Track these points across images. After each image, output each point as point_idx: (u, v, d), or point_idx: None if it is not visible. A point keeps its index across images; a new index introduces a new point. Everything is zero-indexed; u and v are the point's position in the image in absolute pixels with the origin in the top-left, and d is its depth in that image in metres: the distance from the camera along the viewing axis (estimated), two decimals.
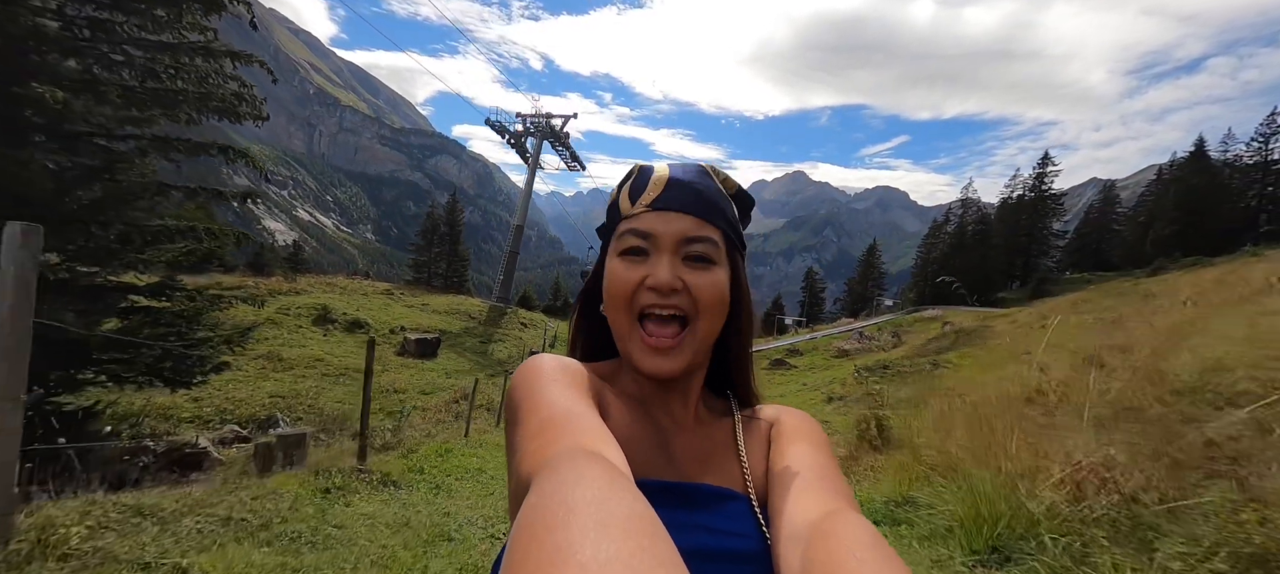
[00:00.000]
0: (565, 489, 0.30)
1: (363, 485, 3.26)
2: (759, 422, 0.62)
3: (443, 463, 4.47)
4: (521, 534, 0.28)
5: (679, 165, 0.59)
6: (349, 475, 3.35)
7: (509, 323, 27.99)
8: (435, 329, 23.06)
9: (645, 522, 0.29)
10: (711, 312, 0.55)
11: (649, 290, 0.54)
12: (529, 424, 0.44)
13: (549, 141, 30.64)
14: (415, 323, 23.57)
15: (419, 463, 4.24)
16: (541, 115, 30.77)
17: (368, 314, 22.45)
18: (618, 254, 0.56)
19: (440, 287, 32.48)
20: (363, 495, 3.14)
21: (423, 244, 35.48)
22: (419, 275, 34.88)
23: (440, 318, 25.80)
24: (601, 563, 0.24)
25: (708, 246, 0.55)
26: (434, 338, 20.93)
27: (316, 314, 20.23)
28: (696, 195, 0.56)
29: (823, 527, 0.42)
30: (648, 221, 0.55)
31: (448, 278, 34.70)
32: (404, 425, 8.74)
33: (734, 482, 0.55)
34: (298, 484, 2.99)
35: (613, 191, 0.62)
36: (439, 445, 5.32)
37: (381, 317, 23.06)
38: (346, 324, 20.57)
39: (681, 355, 0.54)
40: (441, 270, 35.02)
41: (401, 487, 3.50)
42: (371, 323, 21.40)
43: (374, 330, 20.30)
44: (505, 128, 30.03)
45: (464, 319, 26.85)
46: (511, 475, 0.43)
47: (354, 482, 3.28)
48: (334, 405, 12.67)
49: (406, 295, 28.10)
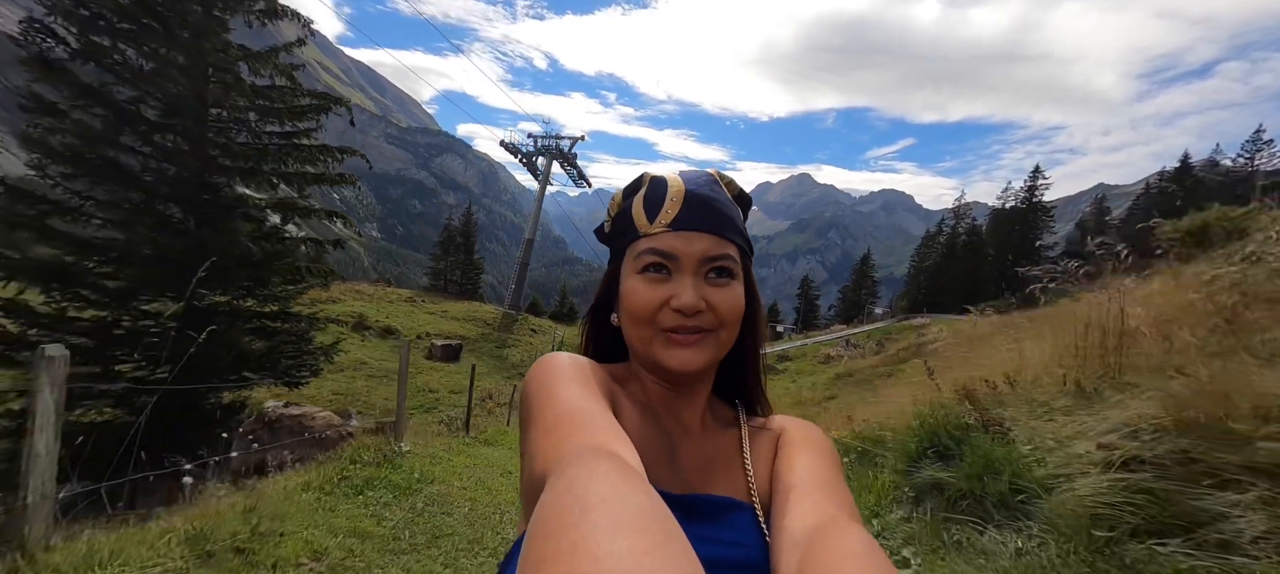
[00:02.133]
0: (580, 486, 0.31)
1: (477, 443, 5.86)
2: (766, 432, 0.62)
3: (506, 436, 7.09)
4: (537, 531, 0.29)
5: (691, 176, 0.60)
6: (464, 440, 5.95)
7: (520, 329, 30.63)
8: (456, 335, 25.73)
9: (659, 519, 0.29)
10: (733, 324, 0.56)
11: (673, 312, 0.54)
12: (543, 421, 0.45)
13: (558, 161, 33.39)
14: (438, 329, 26.24)
15: (493, 436, 6.86)
16: (551, 137, 33.52)
17: (396, 321, 25.15)
18: (637, 272, 0.56)
19: (456, 293, 35.19)
20: (479, 448, 5.75)
21: (439, 253, 38.31)
22: (436, 282, 37.65)
23: (459, 324, 28.47)
24: (615, 559, 0.25)
25: (728, 262, 0.56)
26: (457, 344, 23.59)
27: (354, 321, 22.92)
28: (715, 211, 0.57)
29: (819, 535, 0.43)
30: (669, 242, 0.55)
31: (463, 285, 37.45)
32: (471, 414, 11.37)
33: (739, 491, 0.55)
34: (445, 443, 5.58)
35: (616, 196, 0.63)
36: (498, 429, 7.94)
37: (408, 323, 25.75)
38: (380, 330, 23.27)
39: (706, 350, 0.55)
40: (457, 278, 37.78)
41: (496, 446, 6.13)
42: (401, 329, 24.09)
43: (404, 336, 22.98)
44: (518, 149, 32.79)
45: (480, 325, 29.50)
46: (525, 472, 0.43)
47: (469, 442, 5.89)
48: (385, 402, 15.30)
49: (427, 303, 30.79)
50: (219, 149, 8.51)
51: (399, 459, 3.71)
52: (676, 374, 0.55)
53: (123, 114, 8.11)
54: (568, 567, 0.25)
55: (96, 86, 7.81)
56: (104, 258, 8.16)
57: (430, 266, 40.09)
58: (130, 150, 8.24)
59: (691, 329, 0.55)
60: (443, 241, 38.34)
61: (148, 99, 8.32)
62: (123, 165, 8.11)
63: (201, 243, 8.26)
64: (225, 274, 8.63)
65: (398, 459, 3.70)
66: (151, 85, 8.23)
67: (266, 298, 9.27)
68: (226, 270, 8.55)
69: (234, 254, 8.29)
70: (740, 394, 0.66)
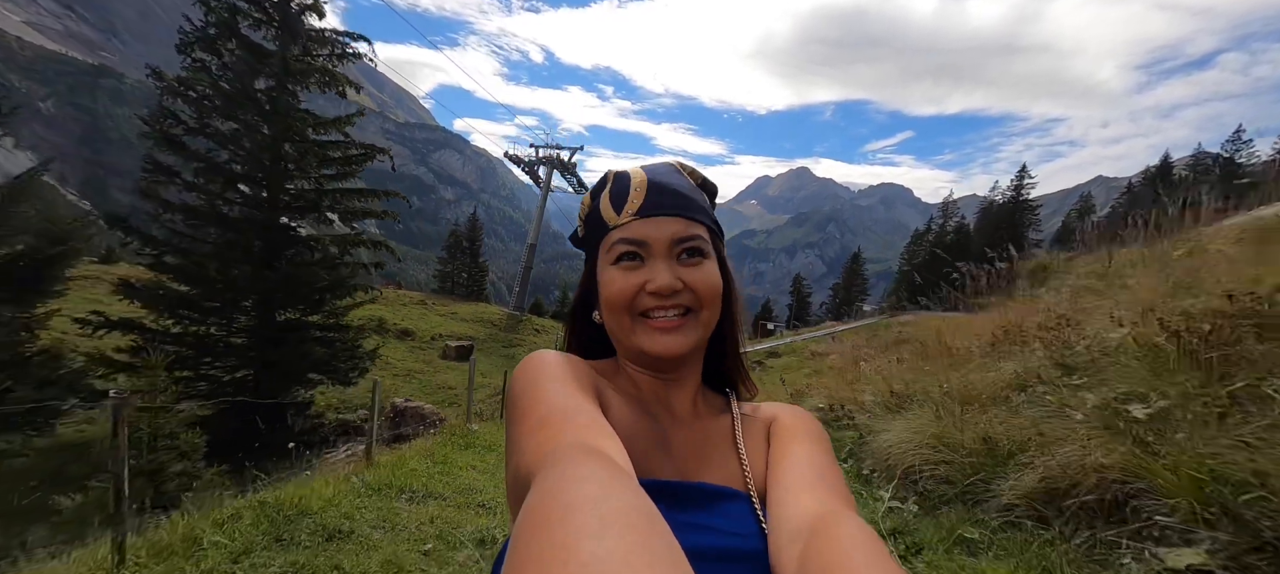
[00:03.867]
0: (566, 485, 0.31)
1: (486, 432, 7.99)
2: (758, 419, 0.62)
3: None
4: (523, 531, 0.28)
5: (652, 167, 0.61)
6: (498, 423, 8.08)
7: (524, 330, 32.77)
8: (466, 336, 27.87)
9: (646, 518, 0.29)
10: (712, 303, 0.57)
11: (650, 295, 0.55)
12: (530, 419, 0.45)
13: (558, 171, 35.48)
14: (449, 330, 28.37)
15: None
16: (552, 147, 35.60)
17: (411, 324, 27.28)
18: (612, 263, 0.57)
19: (463, 295, 37.33)
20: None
21: (447, 257, 40.51)
22: (443, 285, 39.79)
23: (468, 325, 30.60)
24: (601, 560, 0.24)
25: (698, 242, 0.57)
26: (468, 344, 25.74)
27: (375, 324, 25.04)
28: (679, 196, 0.58)
29: (821, 527, 0.42)
30: (638, 229, 0.56)
31: (468, 287, 39.61)
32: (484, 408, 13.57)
33: (733, 478, 0.55)
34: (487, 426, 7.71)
35: (585, 199, 0.64)
36: None
37: (422, 325, 27.87)
38: (398, 332, 25.40)
39: (688, 334, 0.56)
40: (463, 280, 39.94)
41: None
42: (417, 331, 26.22)
43: (421, 338, 25.15)
44: (521, 159, 34.90)
45: (487, 326, 31.62)
46: (510, 470, 0.43)
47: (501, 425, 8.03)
48: (409, 397, 17.46)
49: (437, 305, 32.91)
50: (289, 196, 10.65)
51: (474, 435, 5.77)
52: (662, 359, 0.56)
53: (219, 171, 10.25)
54: (552, 569, 0.25)
55: (202, 152, 9.95)
56: (203, 285, 10.30)
57: (437, 270, 42.30)
58: (226, 200, 10.38)
59: (671, 310, 0.56)
60: (449, 245, 40.60)
61: (237, 159, 10.46)
62: (222, 212, 10.26)
63: (279, 271, 10.43)
64: (296, 296, 10.83)
65: (473, 435, 5.75)
66: (240, 148, 10.36)
67: (328, 313, 11.45)
68: (298, 293, 10.74)
69: (303, 280, 10.44)
70: (725, 378, 0.66)
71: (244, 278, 10.09)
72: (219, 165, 10.14)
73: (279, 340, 10.82)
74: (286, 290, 10.59)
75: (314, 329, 11.51)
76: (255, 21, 10.70)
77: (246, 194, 10.50)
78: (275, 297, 10.56)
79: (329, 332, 11.78)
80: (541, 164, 35.22)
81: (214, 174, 10.19)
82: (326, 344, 11.63)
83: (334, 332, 12.05)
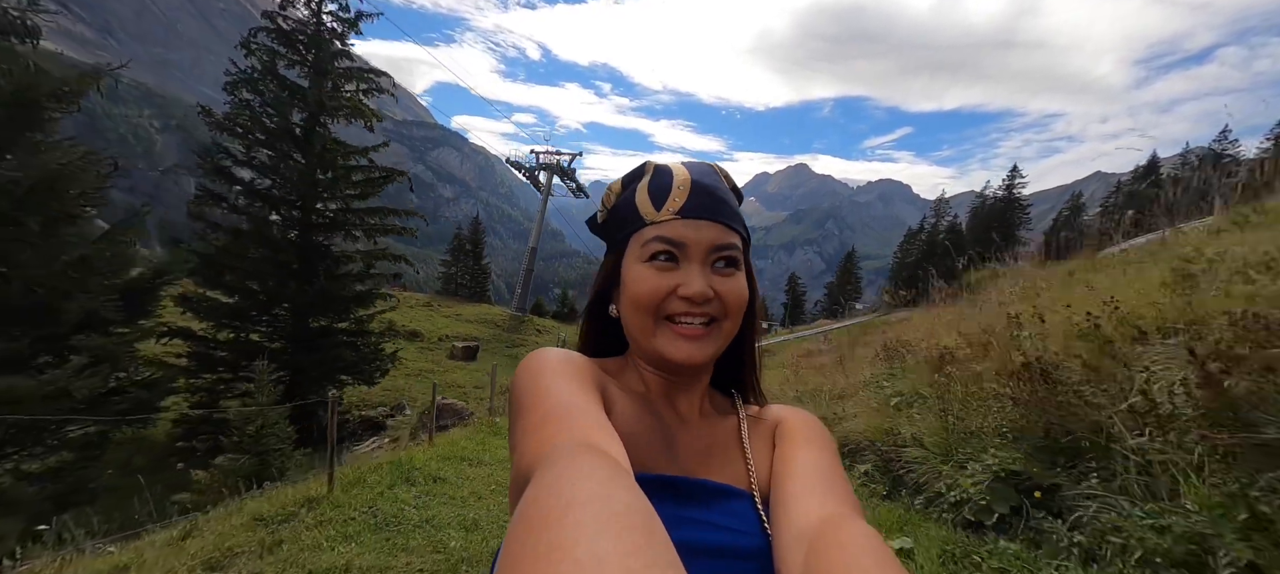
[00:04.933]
0: (563, 484, 0.31)
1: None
2: (763, 421, 0.62)
3: None
4: (519, 528, 0.29)
5: (694, 166, 0.60)
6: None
7: (526, 330, 34.22)
8: (472, 337, 29.31)
9: (642, 518, 0.29)
10: (736, 315, 0.57)
11: (681, 299, 0.54)
12: (531, 417, 0.45)
13: (558, 176, 36.95)
14: (455, 331, 29.80)
15: None
16: (552, 152, 37.11)
17: (419, 325, 28.69)
18: (643, 260, 0.56)
19: (466, 296, 38.82)
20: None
21: (451, 259, 42.03)
22: (447, 286, 41.30)
23: (472, 326, 32.02)
24: (597, 560, 0.24)
25: (733, 252, 0.56)
26: (474, 345, 27.18)
27: (386, 327, 26.49)
28: (720, 201, 0.57)
29: (827, 531, 0.43)
30: (677, 230, 0.55)
31: (471, 288, 41.11)
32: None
33: (737, 479, 0.55)
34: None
35: (614, 185, 0.63)
36: None
37: (428, 326, 29.29)
38: (407, 333, 26.82)
39: (711, 343, 0.55)
40: (466, 282, 41.45)
41: None
42: (425, 333, 27.65)
43: (428, 339, 26.59)
44: (522, 165, 36.40)
45: (491, 327, 33.05)
46: (514, 467, 0.43)
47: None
48: (424, 396, 18.93)
49: (443, 306, 34.34)
50: (320, 216, 12.10)
51: (498, 425, 7.25)
52: (681, 366, 0.56)
53: (261, 196, 11.68)
54: (547, 567, 0.25)
55: (246, 181, 11.39)
56: (249, 298, 11.73)
57: (440, 271, 43.82)
58: (266, 221, 11.82)
59: (698, 318, 0.55)
60: (453, 247, 42.11)
61: (277, 186, 11.89)
62: (266, 233, 11.70)
63: (315, 285, 11.88)
64: (330, 307, 12.28)
65: (498, 425, 7.23)
66: (279, 176, 11.79)
67: (356, 320, 12.91)
68: (332, 303, 12.20)
69: (336, 292, 11.91)
70: (737, 384, 0.66)
71: (287, 292, 11.53)
72: (260, 191, 11.59)
73: (312, 346, 12.27)
74: (322, 301, 12.04)
75: (342, 335, 12.97)
76: (290, 61, 12.15)
77: (285, 216, 11.95)
78: (311, 307, 12.01)
79: (355, 337, 13.24)
80: (542, 170, 36.69)
81: (256, 199, 11.63)
82: (354, 348, 13.09)
83: (359, 337, 13.51)
